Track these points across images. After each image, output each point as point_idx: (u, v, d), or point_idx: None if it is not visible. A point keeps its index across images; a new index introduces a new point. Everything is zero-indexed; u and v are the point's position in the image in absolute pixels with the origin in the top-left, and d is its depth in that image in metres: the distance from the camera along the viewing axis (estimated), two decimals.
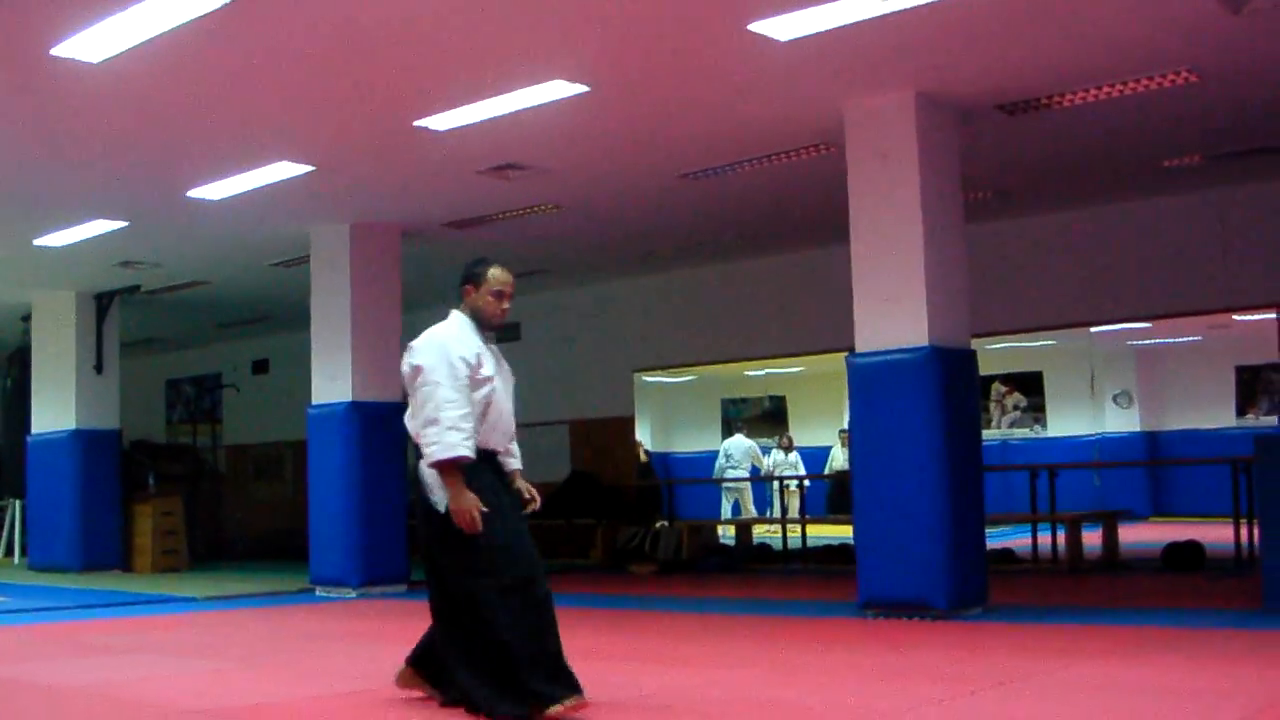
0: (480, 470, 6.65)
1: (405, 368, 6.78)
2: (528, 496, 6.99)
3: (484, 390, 6.72)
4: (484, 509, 6.52)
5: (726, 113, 11.29)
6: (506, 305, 7.01)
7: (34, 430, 19.84)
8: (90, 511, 18.92)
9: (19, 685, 8.34)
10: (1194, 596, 12.07)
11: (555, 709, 6.28)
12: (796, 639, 9.97)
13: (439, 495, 6.62)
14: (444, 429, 6.47)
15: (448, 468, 6.51)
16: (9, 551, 22.38)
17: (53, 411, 19.55)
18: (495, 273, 6.98)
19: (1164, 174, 13.53)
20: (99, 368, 19.40)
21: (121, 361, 20.00)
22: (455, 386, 6.56)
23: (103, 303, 19.38)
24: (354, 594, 13.99)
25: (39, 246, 15.82)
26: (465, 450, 6.48)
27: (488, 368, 6.75)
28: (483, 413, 6.72)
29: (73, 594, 15.27)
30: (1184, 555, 14.66)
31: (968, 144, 11.48)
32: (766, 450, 26.00)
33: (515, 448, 7.03)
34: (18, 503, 21.59)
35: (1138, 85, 10.52)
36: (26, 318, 20.27)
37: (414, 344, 6.80)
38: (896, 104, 10.81)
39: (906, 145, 10.81)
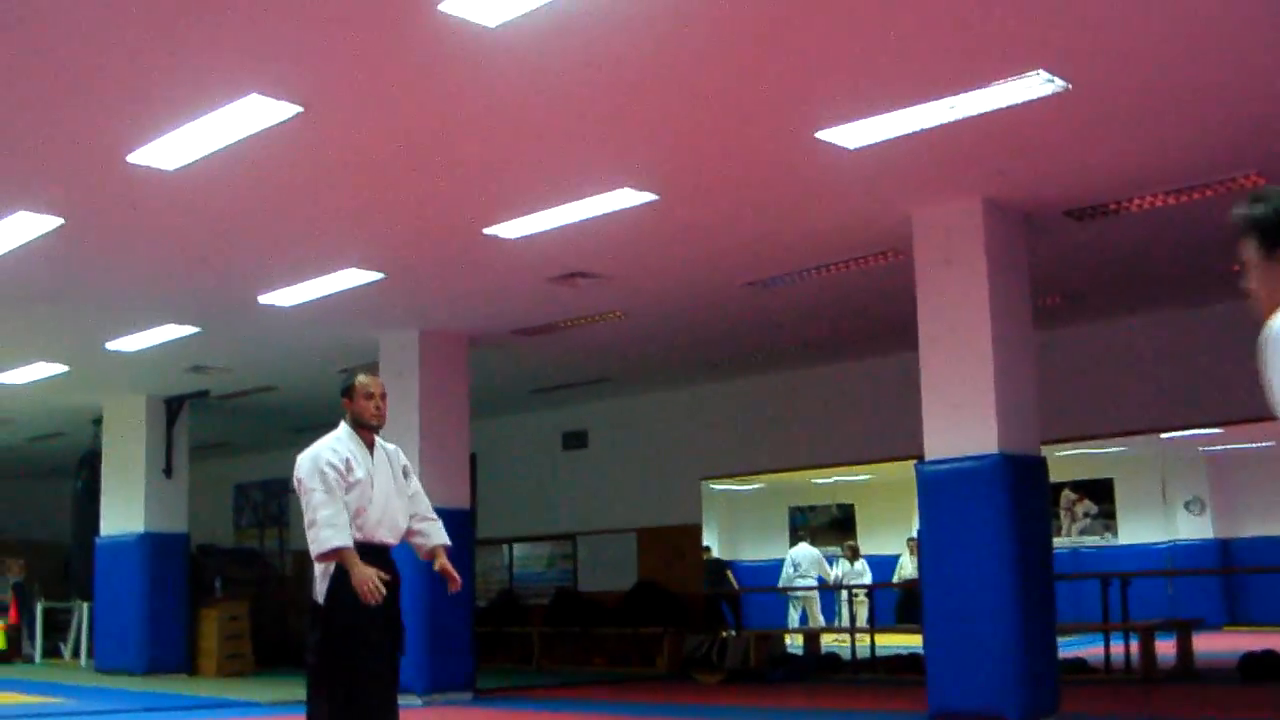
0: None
1: (295, 478, 7.47)
2: (450, 576, 7.66)
3: (354, 492, 7.37)
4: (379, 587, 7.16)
5: (794, 220, 11.31)
6: (380, 404, 7.63)
7: (103, 533, 19.96)
8: (157, 614, 18.98)
9: None
10: (1273, 707, 11.86)
11: None
12: None
13: (320, 587, 7.30)
14: (321, 528, 7.18)
15: (334, 557, 7.18)
16: (76, 653, 22.47)
17: (122, 514, 19.66)
18: (362, 380, 7.67)
19: (1234, 278, 13.37)
20: (168, 471, 19.52)
21: (190, 465, 20.13)
22: (325, 489, 7.25)
23: (172, 407, 19.52)
24: (420, 701, 13.90)
25: (111, 351, 15.97)
26: (340, 541, 7.16)
27: (358, 471, 7.40)
28: (359, 510, 7.37)
29: (138, 697, 15.27)
30: (1262, 665, 14.40)
31: (1036, 249, 11.43)
32: (832, 560, 25.81)
33: (432, 527, 7.81)
34: (85, 605, 21.67)
35: (1206, 190, 10.47)
36: (98, 421, 20.44)
37: (297, 459, 7.50)
38: (964, 210, 10.81)
39: (974, 251, 10.79)
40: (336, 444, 7.48)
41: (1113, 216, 11.13)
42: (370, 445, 7.59)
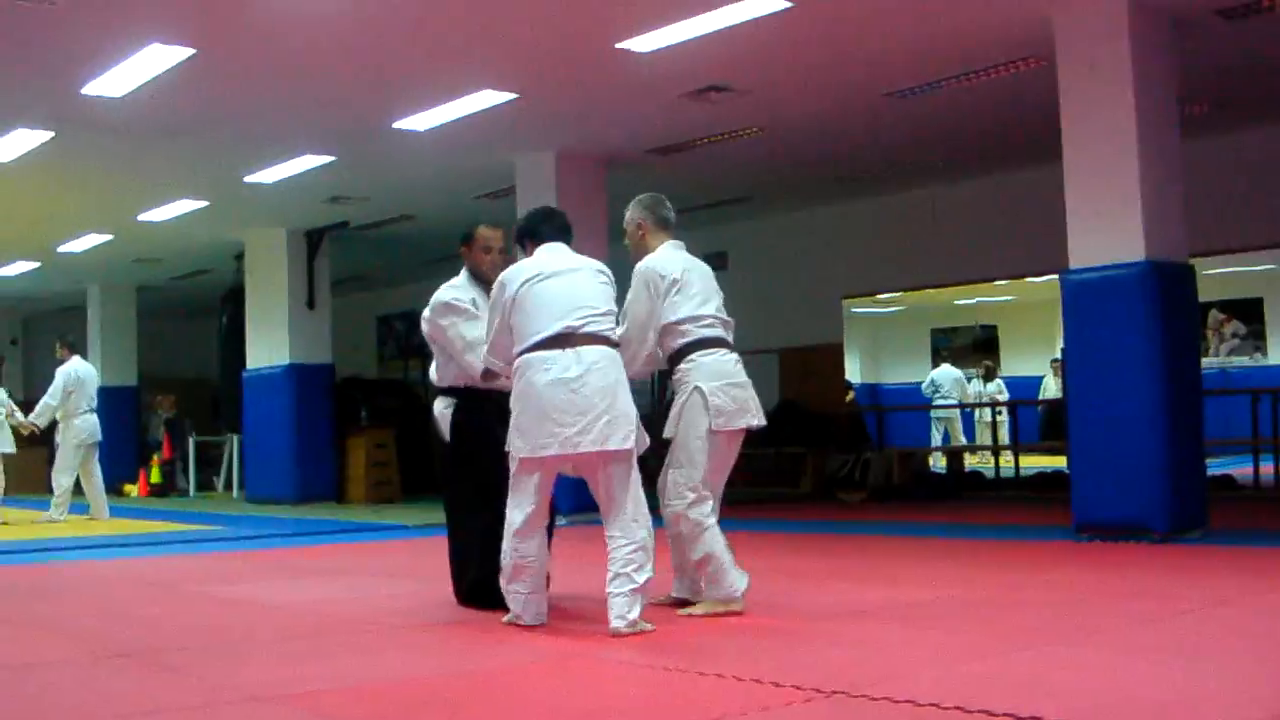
0: (481, 409, 7.42)
1: (425, 329, 7.59)
2: None
3: None
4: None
5: (932, 26, 11.04)
6: (496, 258, 7.61)
7: (249, 366, 20.26)
8: (305, 444, 19.31)
9: (233, 602, 8.49)
10: None
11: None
12: (1009, 560, 9.79)
13: (443, 429, 7.53)
14: (472, 348, 7.25)
15: (499, 373, 7.05)
16: (228, 485, 22.94)
17: (267, 347, 19.95)
18: (483, 231, 7.70)
19: None
20: (311, 304, 19.72)
21: (333, 299, 20.32)
22: (464, 317, 7.35)
23: (313, 239, 19.67)
24: (564, 520, 13.97)
25: (249, 183, 16.08)
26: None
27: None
28: None
29: (288, 523, 15.54)
30: None
31: (1184, 53, 11.07)
32: (970, 379, 25.67)
33: None
34: (236, 438, 22.08)
35: None
36: (239, 256, 20.65)
37: (424, 313, 7.57)
38: (1108, 11, 10.47)
39: (1119, 55, 10.45)
40: (459, 290, 7.53)
41: (1267, 14, 10.73)
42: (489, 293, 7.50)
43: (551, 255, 6.81)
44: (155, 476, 23.53)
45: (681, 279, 7.12)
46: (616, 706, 4.93)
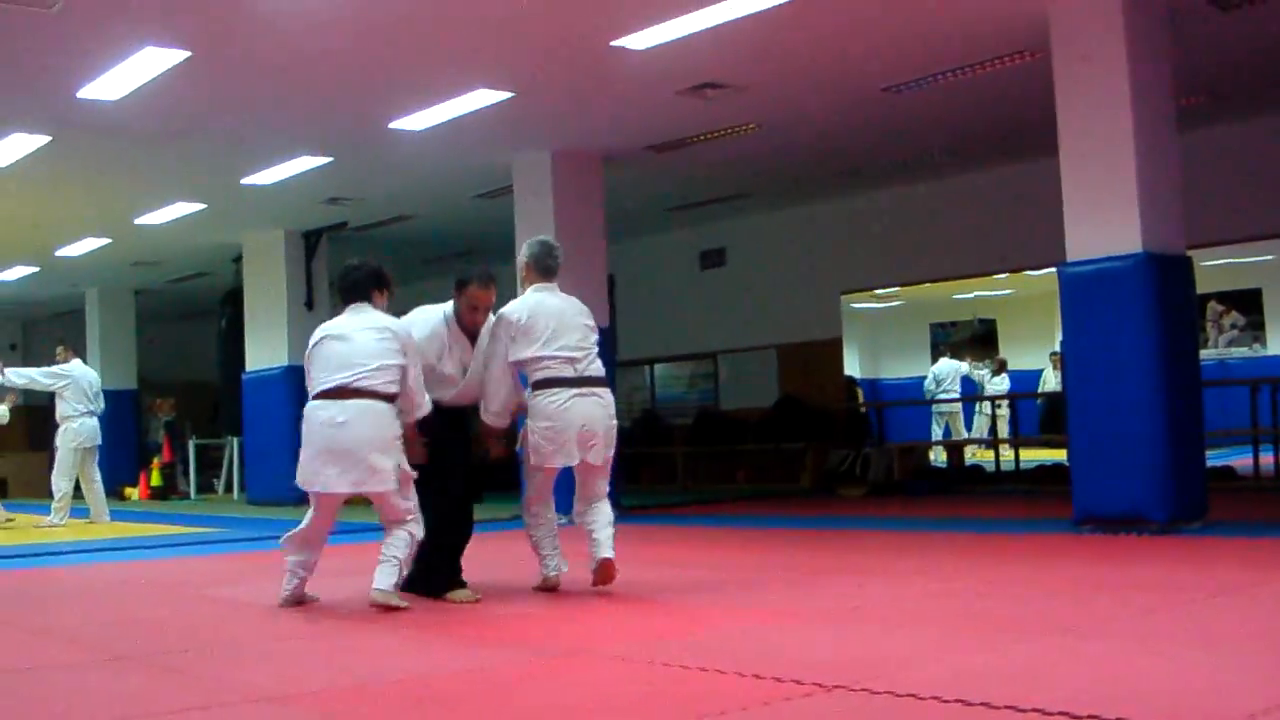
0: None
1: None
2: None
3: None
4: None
5: (928, 20, 11.05)
6: (479, 318, 8.12)
7: (249, 368, 20.25)
8: None
9: (235, 604, 8.51)
10: None
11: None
12: (1010, 553, 9.78)
13: None
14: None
15: None
16: (229, 488, 22.93)
17: (266, 349, 19.94)
18: (473, 289, 8.06)
19: None
20: (310, 304, 19.71)
21: (331, 299, 20.27)
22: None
23: (311, 240, 19.67)
24: (565, 520, 13.97)
25: (247, 185, 16.08)
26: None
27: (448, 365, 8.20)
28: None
29: (289, 525, 15.45)
30: None
31: (1179, 44, 11.04)
32: (981, 370, 25.62)
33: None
34: (236, 440, 22.06)
35: None
36: (238, 259, 20.65)
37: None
38: (1103, 3, 10.46)
39: (1114, 47, 10.44)
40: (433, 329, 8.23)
41: (1261, 4, 10.73)
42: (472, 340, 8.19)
43: (349, 316, 7.90)
44: (156, 479, 23.53)
45: (526, 324, 7.92)
46: (615, 703, 4.92)
